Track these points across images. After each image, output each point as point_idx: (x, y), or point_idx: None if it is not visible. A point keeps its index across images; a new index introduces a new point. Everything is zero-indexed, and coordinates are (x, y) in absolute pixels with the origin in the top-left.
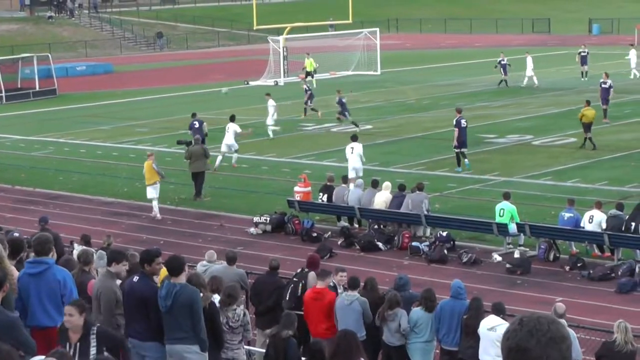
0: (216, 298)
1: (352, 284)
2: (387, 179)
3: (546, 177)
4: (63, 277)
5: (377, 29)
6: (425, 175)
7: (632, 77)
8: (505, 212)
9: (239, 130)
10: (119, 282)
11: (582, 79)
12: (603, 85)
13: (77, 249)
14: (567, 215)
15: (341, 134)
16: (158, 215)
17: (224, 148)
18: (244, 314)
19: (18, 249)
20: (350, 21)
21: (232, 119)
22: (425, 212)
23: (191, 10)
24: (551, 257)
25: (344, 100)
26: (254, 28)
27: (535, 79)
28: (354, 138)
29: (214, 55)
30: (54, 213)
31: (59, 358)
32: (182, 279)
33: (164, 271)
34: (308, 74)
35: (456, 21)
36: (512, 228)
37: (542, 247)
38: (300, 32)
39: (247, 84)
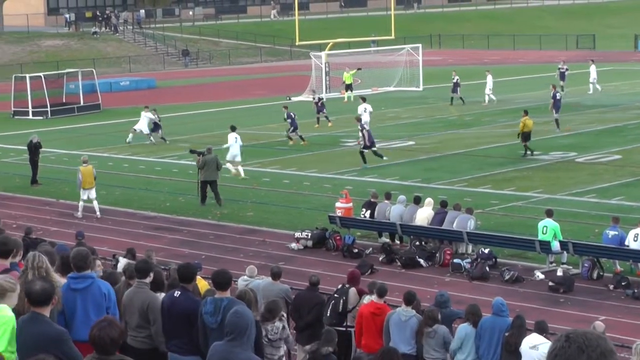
0: None
1: (408, 299)
2: (429, 195)
3: (590, 194)
4: (107, 290)
5: (420, 45)
6: (467, 191)
7: (590, 92)
8: (548, 229)
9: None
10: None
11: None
12: (557, 97)
13: (122, 262)
14: (611, 233)
15: (384, 150)
16: (97, 214)
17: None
18: (283, 327)
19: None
20: (392, 37)
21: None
22: (469, 230)
23: (233, 25)
24: (595, 275)
25: (293, 114)
26: (296, 44)
27: (492, 96)
28: (234, 128)
29: (256, 70)
30: (96, 227)
31: None
32: (229, 293)
33: (204, 285)
34: (348, 87)
35: (499, 37)
36: (555, 246)
37: (586, 265)
38: (343, 48)
39: (290, 99)
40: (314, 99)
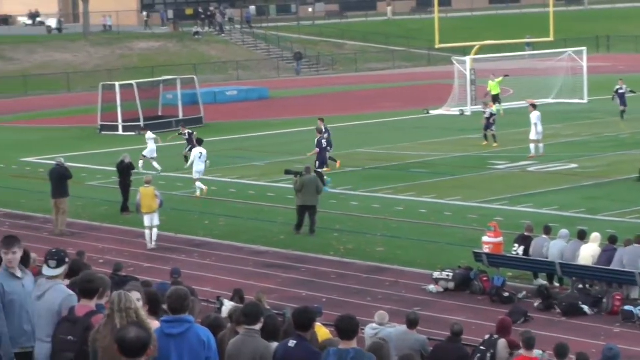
0: None
1: (561, 353)
2: (595, 229)
3: None
4: (207, 337)
5: (584, 49)
6: None
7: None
8: None
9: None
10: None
11: None
12: None
13: (227, 305)
14: None
15: (540, 174)
16: (152, 244)
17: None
18: None
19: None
20: (551, 39)
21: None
22: None
23: (361, 25)
24: None
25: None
26: (436, 47)
27: None
28: (200, 142)
29: (387, 78)
30: (196, 263)
31: None
32: (355, 344)
33: (325, 333)
34: (495, 98)
35: None
36: None
37: None
38: (491, 51)
39: (428, 113)
40: (484, 113)
